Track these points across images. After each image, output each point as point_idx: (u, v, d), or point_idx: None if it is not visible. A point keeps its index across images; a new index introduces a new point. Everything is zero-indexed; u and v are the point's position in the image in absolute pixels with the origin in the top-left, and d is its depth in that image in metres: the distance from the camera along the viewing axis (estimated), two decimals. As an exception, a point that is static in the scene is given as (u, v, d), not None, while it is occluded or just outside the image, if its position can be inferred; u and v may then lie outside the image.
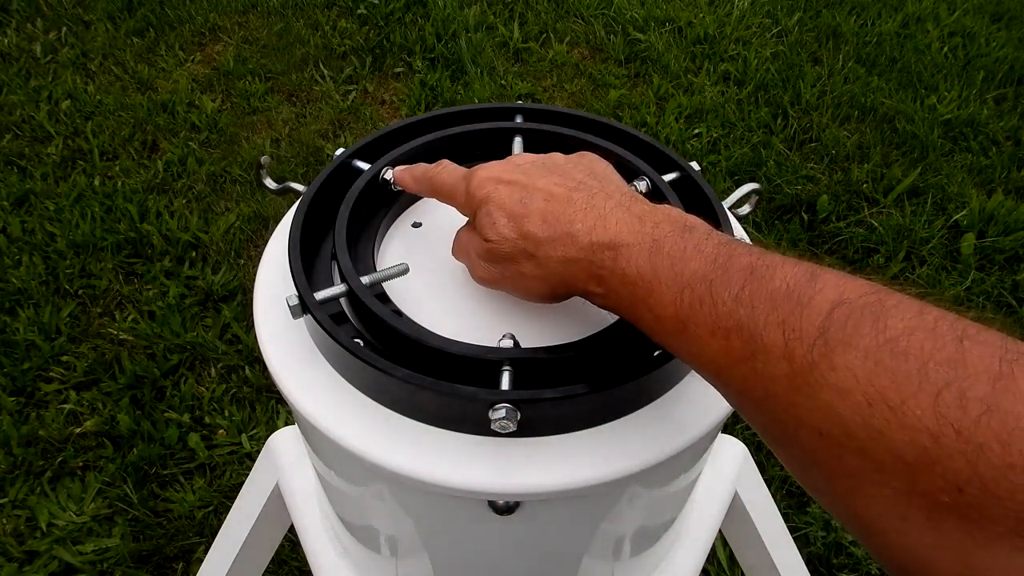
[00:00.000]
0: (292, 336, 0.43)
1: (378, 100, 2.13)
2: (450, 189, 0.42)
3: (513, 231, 0.37)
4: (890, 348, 0.25)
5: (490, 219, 0.38)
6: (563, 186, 0.38)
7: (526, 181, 0.39)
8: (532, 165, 0.40)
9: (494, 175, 0.40)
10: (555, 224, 0.36)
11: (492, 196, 0.39)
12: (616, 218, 0.35)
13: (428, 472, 0.37)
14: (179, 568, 1.17)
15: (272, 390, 1.39)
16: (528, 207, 0.37)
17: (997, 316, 1.56)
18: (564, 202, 0.37)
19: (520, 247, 0.37)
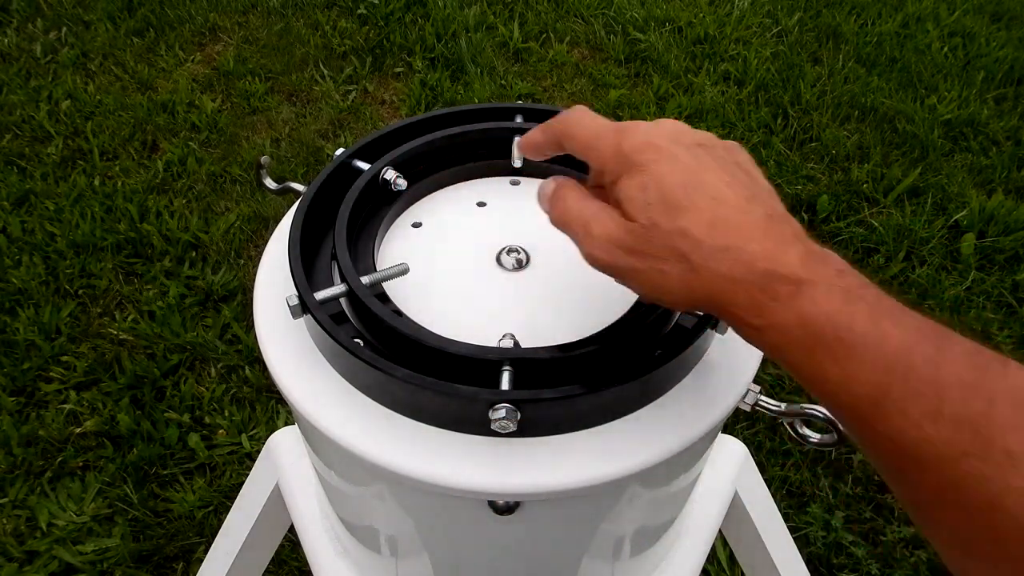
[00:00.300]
0: (292, 336, 0.43)
1: (378, 100, 2.13)
2: (592, 136, 0.36)
3: (669, 222, 0.32)
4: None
5: (644, 195, 0.33)
6: (734, 189, 0.33)
7: (695, 166, 0.33)
8: (699, 148, 0.35)
9: (656, 142, 0.34)
10: (725, 234, 0.32)
11: (652, 167, 0.33)
12: (796, 250, 0.32)
13: (428, 472, 0.37)
14: (179, 568, 1.17)
15: (272, 390, 1.39)
16: (693, 200, 0.32)
17: (997, 316, 1.56)
18: (737, 211, 0.32)
19: (671, 244, 0.32)
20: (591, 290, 0.45)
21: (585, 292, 0.45)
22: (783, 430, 0.45)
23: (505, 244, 0.47)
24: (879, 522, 1.26)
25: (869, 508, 1.27)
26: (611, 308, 0.44)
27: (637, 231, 0.33)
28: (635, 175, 0.34)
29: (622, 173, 0.34)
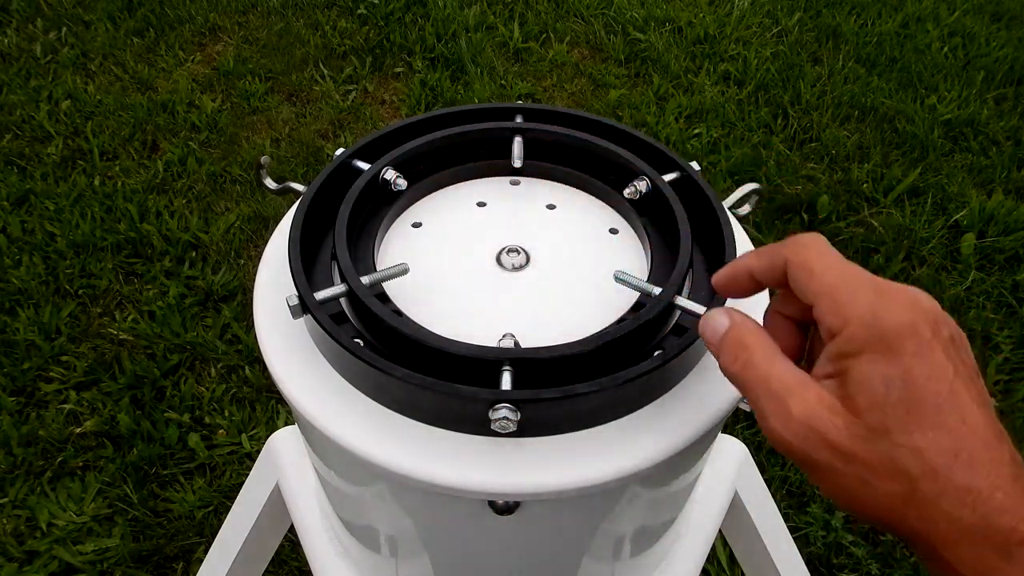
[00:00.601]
0: (292, 336, 0.43)
1: (378, 100, 2.13)
2: (840, 282, 0.29)
3: (904, 434, 0.26)
4: None
5: (886, 390, 0.27)
6: (984, 414, 0.27)
7: (951, 373, 0.27)
8: (953, 345, 0.28)
9: (921, 328, 0.28)
10: (971, 471, 0.26)
11: (908, 360, 0.27)
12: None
13: (428, 472, 0.37)
14: (179, 568, 1.17)
15: (272, 390, 1.39)
16: (942, 417, 0.26)
17: (997, 316, 1.56)
18: (987, 446, 0.26)
19: (898, 459, 0.27)
20: (591, 290, 0.45)
21: (585, 292, 0.45)
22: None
23: (505, 244, 0.47)
24: (879, 522, 1.26)
25: (869, 508, 1.27)
26: (611, 308, 0.44)
27: (858, 430, 0.27)
28: (882, 362, 0.27)
29: (866, 350, 0.28)
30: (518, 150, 0.52)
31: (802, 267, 0.30)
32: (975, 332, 1.53)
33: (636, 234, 0.50)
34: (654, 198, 0.48)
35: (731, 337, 0.32)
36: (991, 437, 0.27)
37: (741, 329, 0.32)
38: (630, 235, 0.50)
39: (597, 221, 0.51)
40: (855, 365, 0.28)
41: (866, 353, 0.28)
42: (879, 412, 0.27)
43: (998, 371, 1.45)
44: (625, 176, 0.50)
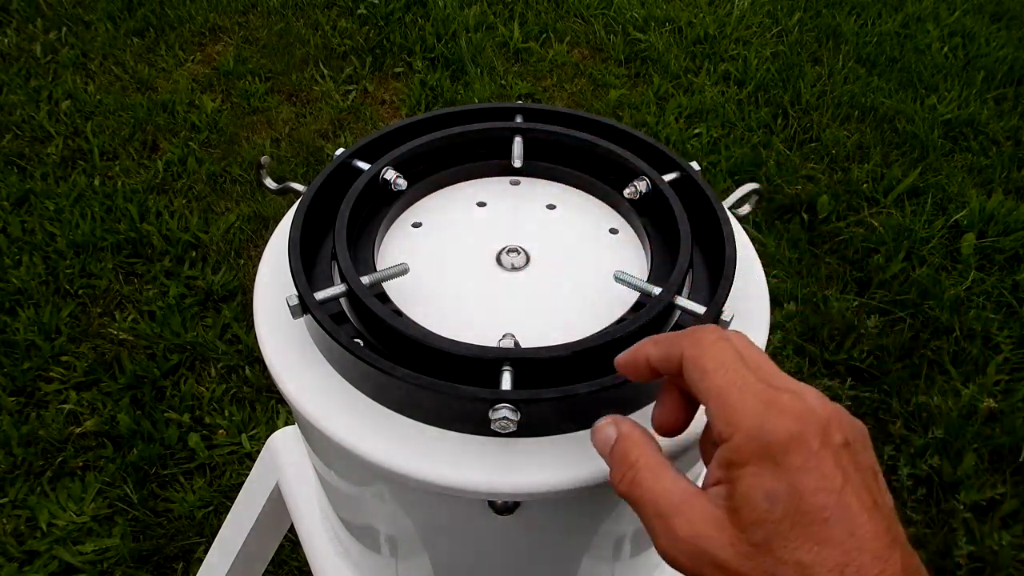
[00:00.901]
0: (292, 336, 0.43)
1: (378, 100, 2.13)
2: (730, 386, 0.29)
3: (788, 550, 0.26)
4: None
5: (770, 506, 0.27)
6: (875, 523, 0.27)
7: (840, 483, 0.27)
8: (846, 451, 0.28)
9: (808, 440, 0.27)
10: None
11: (793, 475, 0.27)
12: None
13: (428, 472, 0.37)
14: (179, 568, 1.17)
15: (272, 390, 1.39)
16: (829, 531, 0.26)
17: (997, 316, 1.56)
18: (876, 558, 0.26)
19: (775, 575, 0.26)
20: (591, 290, 0.45)
21: (585, 292, 0.45)
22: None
23: (505, 244, 0.47)
24: (879, 522, 1.26)
25: (869, 508, 1.27)
26: (611, 307, 0.44)
27: (743, 547, 0.27)
28: (767, 475, 0.27)
29: (751, 462, 0.27)
30: (518, 150, 0.52)
31: (695, 364, 0.30)
32: (975, 332, 1.53)
33: (636, 234, 0.50)
34: (654, 198, 0.48)
35: (617, 452, 0.32)
36: (881, 548, 0.26)
37: (627, 443, 0.31)
38: (630, 235, 0.50)
39: (597, 221, 0.51)
40: (741, 477, 0.27)
41: (751, 465, 0.27)
42: (762, 528, 0.26)
43: (998, 371, 1.45)
44: (625, 176, 0.50)
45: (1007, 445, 1.34)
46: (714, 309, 0.40)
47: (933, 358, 1.49)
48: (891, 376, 1.45)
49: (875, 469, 0.29)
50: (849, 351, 1.49)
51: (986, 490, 1.28)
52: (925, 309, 1.57)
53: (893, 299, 1.60)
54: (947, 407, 1.38)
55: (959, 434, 1.35)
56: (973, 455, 1.32)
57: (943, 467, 1.31)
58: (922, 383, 1.45)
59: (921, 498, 1.29)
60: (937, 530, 1.25)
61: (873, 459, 0.29)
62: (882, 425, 1.39)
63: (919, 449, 1.34)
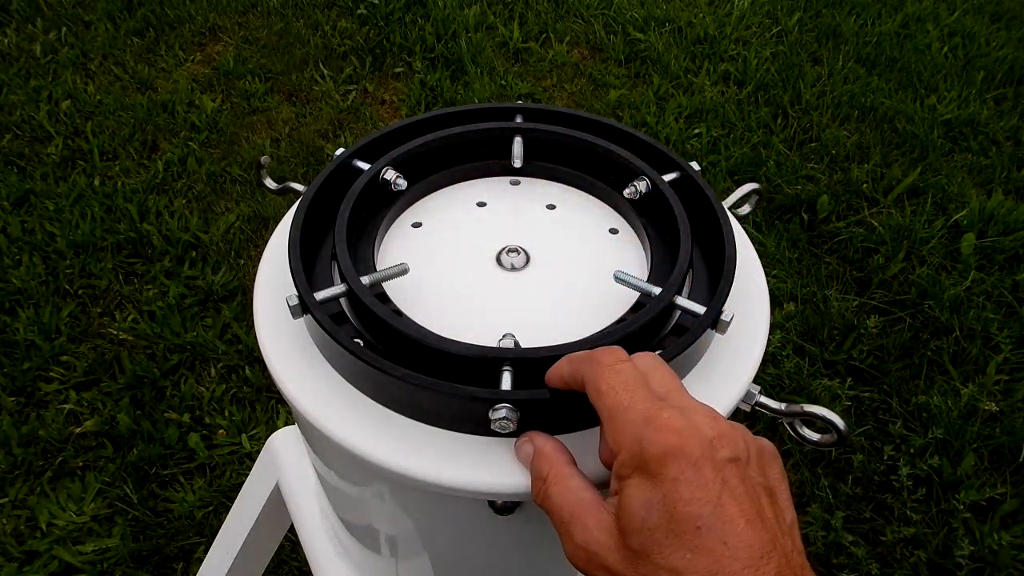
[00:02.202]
0: (292, 336, 0.43)
1: (378, 100, 2.13)
2: (615, 410, 0.31)
3: (663, 556, 0.27)
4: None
5: (647, 515, 0.28)
6: (754, 532, 0.27)
7: (718, 494, 0.28)
8: (731, 466, 0.29)
9: (687, 452, 0.28)
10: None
11: (668, 486, 0.28)
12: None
13: (428, 472, 0.37)
14: (179, 568, 1.17)
15: (272, 390, 1.40)
16: (701, 540, 0.27)
17: (997, 316, 1.56)
18: (747, 566, 0.27)
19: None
20: (591, 290, 0.45)
21: (585, 292, 0.45)
22: (783, 430, 0.45)
23: (505, 244, 0.47)
24: (879, 522, 1.26)
25: (869, 508, 1.28)
26: (611, 308, 0.44)
27: (624, 553, 0.29)
28: (646, 485, 0.28)
29: (633, 474, 0.29)
30: (518, 150, 0.52)
31: (592, 386, 0.32)
32: (975, 332, 1.53)
33: (636, 234, 0.50)
34: (654, 198, 0.48)
35: (533, 468, 0.34)
36: (754, 557, 0.27)
37: (540, 460, 0.34)
38: (630, 235, 0.50)
39: (597, 221, 0.51)
40: (625, 488, 0.29)
41: (633, 477, 0.29)
42: (639, 536, 0.28)
43: (998, 371, 1.45)
44: (625, 176, 0.50)
45: (1007, 445, 1.34)
46: (714, 309, 0.40)
47: (933, 358, 1.49)
48: (891, 376, 1.45)
49: (771, 487, 0.30)
50: (849, 351, 1.49)
51: (986, 490, 1.28)
52: (925, 309, 1.57)
53: (893, 299, 1.60)
54: (947, 407, 1.38)
55: (959, 434, 1.35)
56: (973, 455, 1.32)
57: (943, 467, 1.31)
58: (922, 383, 1.45)
59: (921, 498, 1.29)
60: (937, 530, 1.25)
61: (774, 478, 0.31)
62: (882, 425, 1.39)
63: (919, 449, 1.34)
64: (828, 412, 0.39)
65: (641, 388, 0.31)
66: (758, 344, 0.43)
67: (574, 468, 0.33)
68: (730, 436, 0.30)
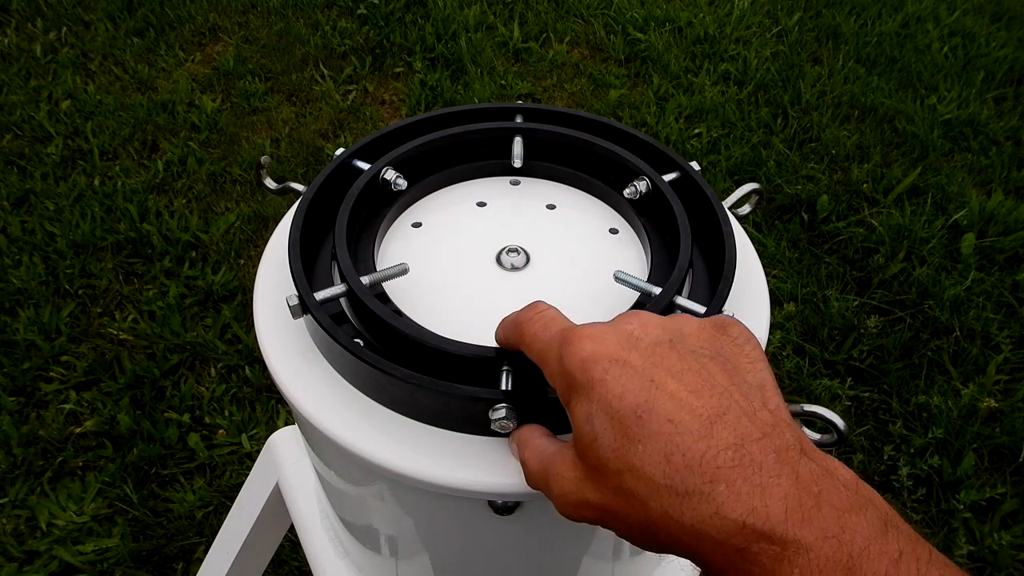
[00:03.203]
0: (292, 336, 0.43)
1: (378, 100, 2.13)
2: (540, 350, 0.31)
3: (617, 459, 0.26)
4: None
5: (590, 427, 0.27)
6: (701, 400, 0.26)
7: (651, 376, 0.26)
8: (661, 347, 0.27)
9: (603, 352, 0.27)
10: (684, 472, 0.24)
11: (597, 388, 0.27)
12: (782, 489, 0.24)
13: (428, 472, 0.37)
14: (179, 568, 1.17)
15: (272, 390, 1.39)
16: (645, 425, 0.25)
17: (997, 316, 1.56)
18: (698, 437, 0.25)
19: (624, 488, 0.26)
20: (591, 290, 0.45)
21: (585, 292, 0.45)
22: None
23: (505, 244, 0.47)
24: (879, 522, 1.26)
25: (869, 508, 1.27)
26: (611, 308, 0.44)
27: (589, 475, 0.27)
28: (581, 399, 0.27)
29: (570, 397, 0.28)
30: (518, 150, 0.52)
31: (520, 343, 0.33)
32: (975, 332, 1.53)
33: (636, 234, 0.50)
34: (654, 198, 0.48)
35: (518, 449, 0.34)
36: (704, 426, 0.25)
37: (519, 448, 0.34)
38: (630, 235, 0.50)
39: (597, 221, 0.51)
40: (570, 414, 0.28)
41: (572, 400, 0.28)
42: (592, 451, 0.27)
43: (998, 371, 1.45)
44: (625, 176, 0.50)
45: (1007, 445, 1.34)
46: (714, 309, 0.40)
47: (933, 358, 1.49)
48: (891, 376, 1.45)
49: (721, 353, 0.28)
50: (849, 351, 1.49)
51: (986, 490, 1.28)
52: (925, 309, 1.57)
53: (893, 299, 1.60)
54: (947, 407, 1.38)
55: (959, 434, 1.35)
56: (973, 455, 1.32)
57: (943, 467, 1.31)
58: (922, 383, 1.45)
59: (921, 498, 1.29)
60: (937, 530, 1.25)
61: (728, 343, 0.29)
62: (882, 425, 1.39)
63: (919, 449, 1.34)
64: (828, 412, 0.39)
65: (558, 321, 0.31)
66: (759, 343, 0.43)
67: (541, 432, 0.33)
68: (655, 323, 0.29)
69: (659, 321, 0.29)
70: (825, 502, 0.24)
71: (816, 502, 0.24)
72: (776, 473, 0.24)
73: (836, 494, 0.24)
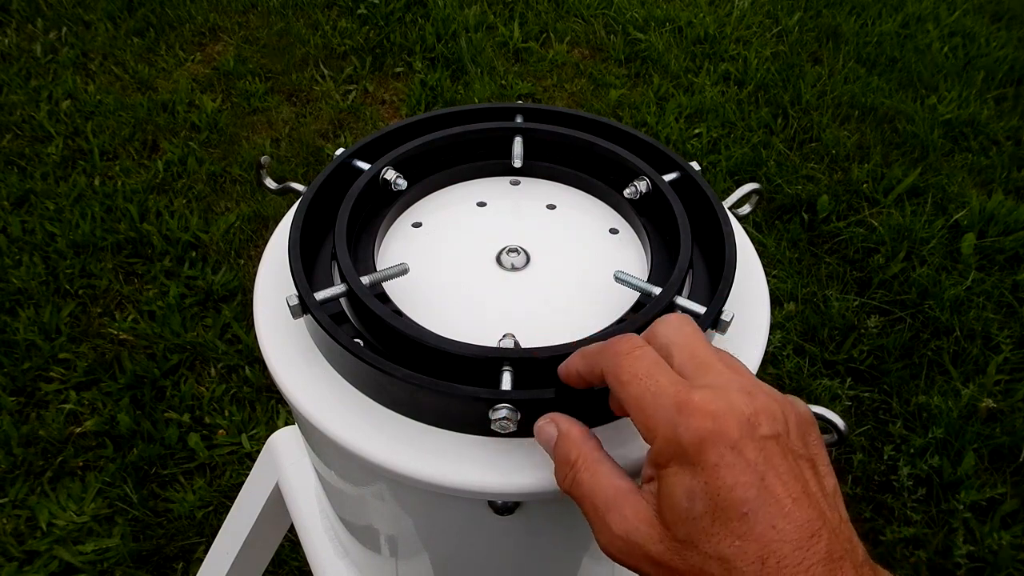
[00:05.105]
0: (292, 336, 0.43)
1: (378, 100, 2.13)
2: (645, 394, 0.30)
3: (711, 544, 0.27)
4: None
5: (691, 504, 0.27)
6: (801, 510, 0.27)
7: (762, 474, 0.27)
8: (771, 442, 0.28)
9: (725, 435, 0.27)
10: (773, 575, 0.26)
11: (710, 472, 0.27)
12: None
13: (428, 472, 0.37)
14: (179, 568, 1.17)
15: (272, 390, 1.39)
16: (749, 524, 0.26)
17: (997, 316, 1.56)
18: (797, 547, 0.26)
19: (707, 571, 0.27)
20: (591, 290, 0.45)
21: (585, 292, 0.45)
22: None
23: (505, 244, 0.47)
24: (879, 522, 1.26)
25: (869, 508, 1.27)
26: (611, 308, 0.44)
27: (668, 543, 0.28)
28: (686, 474, 0.28)
29: (672, 461, 0.28)
30: (518, 150, 0.52)
31: (613, 377, 0.31)
32: (975, 332, 1.53)
33: (636, 234, 0.50)
34: (654, 198, 0.48)
35: (558, 452, 0.33)
36: (804, 537, 0.26)
37: (566, 443, 0.32)
38: (630, 235, 0.50)
39: (597, 221, 0.51)
40: (664, 477, 0.28)
41: (672, 466, 0.28)
42: (684, 525, 0.27)
43: (998, 371, 1.45)
44: (625, 176, 0.50)
45: (1007, 445, 1.34)
46: (714, 309, 0.40)
47: (933, 358, 1.49)
48: (891, 376, 1.45)
49: (812, 457, 0.29)
50: (849, 351, 1.49)
51: (986, 490, 1.28)
52: (925, 309, 1.57)
53: (893, 299, 1.60)
54: (947, 407, 1.38)
55: (959, 434, 1.35)
56: (973, 455, 1.32)
57: (943, 467, 1.31)
58: (922, 383, 1.45)
59: (921, 498, 1.29)
60: (937, 530, 1.25)
61: (813, 445, 0.30)
62: (882, 425, 1.39)
63: (919, 449, 1.34)
64: (828, 412, 0.39)
65: (664, 373, 0.30)
66: (758, 344, 0.43)
67: (604, 454, 0.32)
68: (768, 409, 0.29)
69: (770, 408, 0.29)
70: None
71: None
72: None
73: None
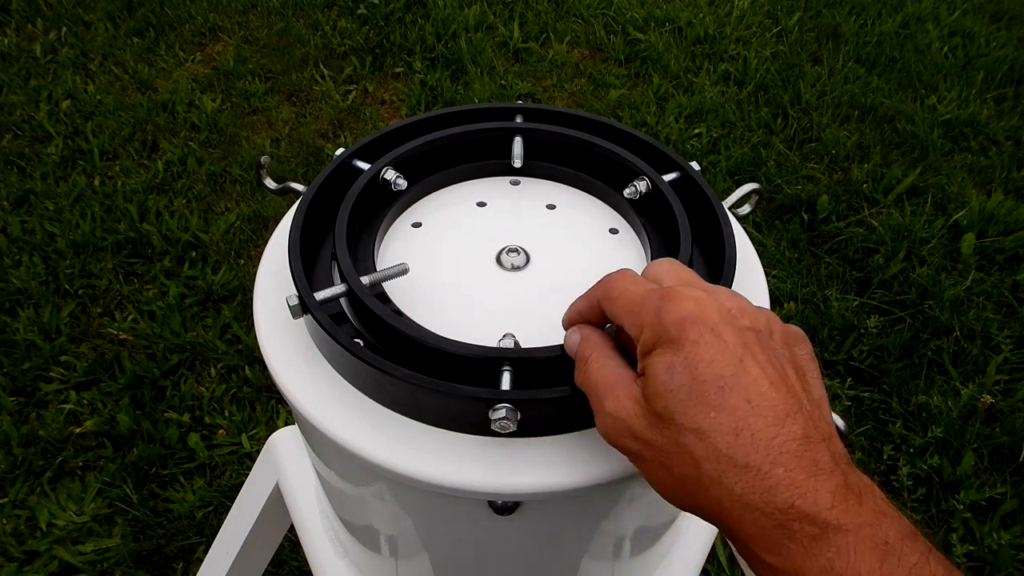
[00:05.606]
0: (292, 336, 0.43)
1: (378, 100, 2.13)
2: (633, 301, 0.32)
3: (687, 416, 0.28)
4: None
5: (669, 377, 0.29)
6: (778, 394, 0.28)
7: (739, 356, 0.29)
8: (751, 333, 0.30)
9: (705, 318, 0.29)
10: (750, 448, 0.27)
11: (688, 348, 0.29)
12: (830, 484, 0.27)
13: (428, 472, 0.37)
14: (179, 568, 1.17)
15: (272, 390, 1.39)
16: (724, 397, 0.28)
17: (997, 316, 1.56)
18: (772, 423, 0.27)
19: (683, 442, 0.28)
20: (591, 290, 0.45)
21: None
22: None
23: (505, 244, 0.47)
24: (879, 522, 1.26)
25: (869, 508, 1.27)
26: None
27: (649, 418, 0.30)
28: (668, 351, 0.29)
29: (656, 345, 0.30)
30: (518, 150, 0.52)
31: (606, 298, 0.34)
32: (975, 332, 1.53)
33: (636, 234, 0.50)
34: (654, 198, 0.48)
35: (578, 353, 0.35)
36: (779, 416, 0.28)
37: (585, 344, 0.35)
38: (630, 235, 0.50)
39: (597, 221, 0.51)
40: (650, 361, 0.30)
41: (656, 348, 0.30)
42: (662, 398, 0.29)
43: (998, 371, 1.45)
44: (625, 176, 0.50)
45: (1007, 445, 1.34)
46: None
47: (933, 358, 1.49)
48: (891, 376, 1.45)
49: (796, 362, 0.31)
50: (849, 351, 1.49)
51: (986, 490, 1.28)
52: (925, 309, 1.57)
53: (893, 299, 1.60)
54: (947, 407, 1.38)
55: (959, 434, 1.35)
56: (973, 455, 1.32)
57: (943, 467, 1.31)
58: (922, 383, 1.45)
59: (921, 498, 1.29)
60: (937, 530, 1.25)
61: (801, 356, 0.31)
62: (882, 425, 1.39)
63: (919, 449, 1.34)
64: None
65: (646, 281, 0.33)
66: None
67: (615, 351, 0.34)
68: (750, 311, 0.31)
69: (754, 310, 0.32)
70: (866, 503, 0.27)
71: (858, 501, 0.27)
72: (829, 471, 0.27)
73: (874, 500, 0.27)
